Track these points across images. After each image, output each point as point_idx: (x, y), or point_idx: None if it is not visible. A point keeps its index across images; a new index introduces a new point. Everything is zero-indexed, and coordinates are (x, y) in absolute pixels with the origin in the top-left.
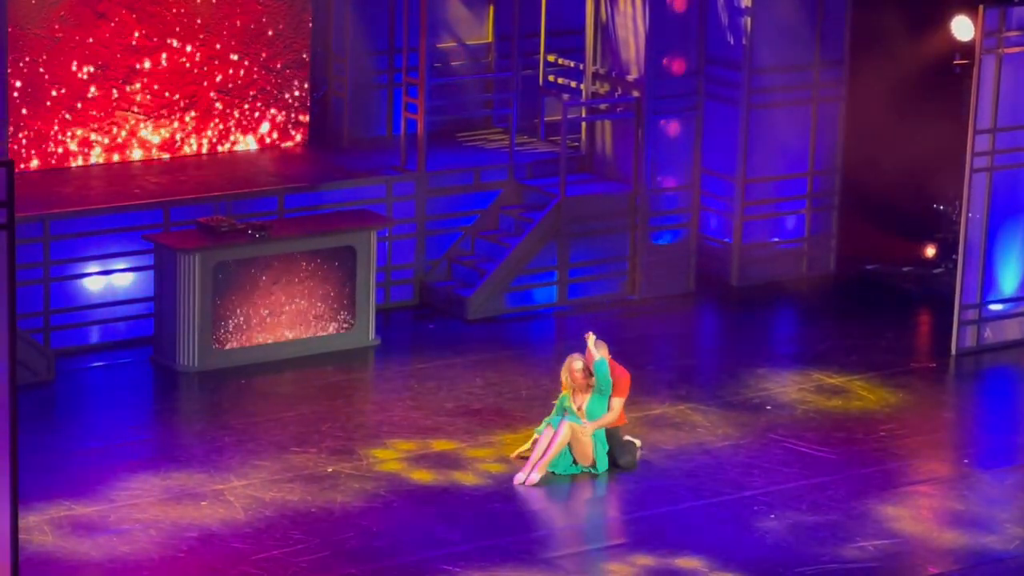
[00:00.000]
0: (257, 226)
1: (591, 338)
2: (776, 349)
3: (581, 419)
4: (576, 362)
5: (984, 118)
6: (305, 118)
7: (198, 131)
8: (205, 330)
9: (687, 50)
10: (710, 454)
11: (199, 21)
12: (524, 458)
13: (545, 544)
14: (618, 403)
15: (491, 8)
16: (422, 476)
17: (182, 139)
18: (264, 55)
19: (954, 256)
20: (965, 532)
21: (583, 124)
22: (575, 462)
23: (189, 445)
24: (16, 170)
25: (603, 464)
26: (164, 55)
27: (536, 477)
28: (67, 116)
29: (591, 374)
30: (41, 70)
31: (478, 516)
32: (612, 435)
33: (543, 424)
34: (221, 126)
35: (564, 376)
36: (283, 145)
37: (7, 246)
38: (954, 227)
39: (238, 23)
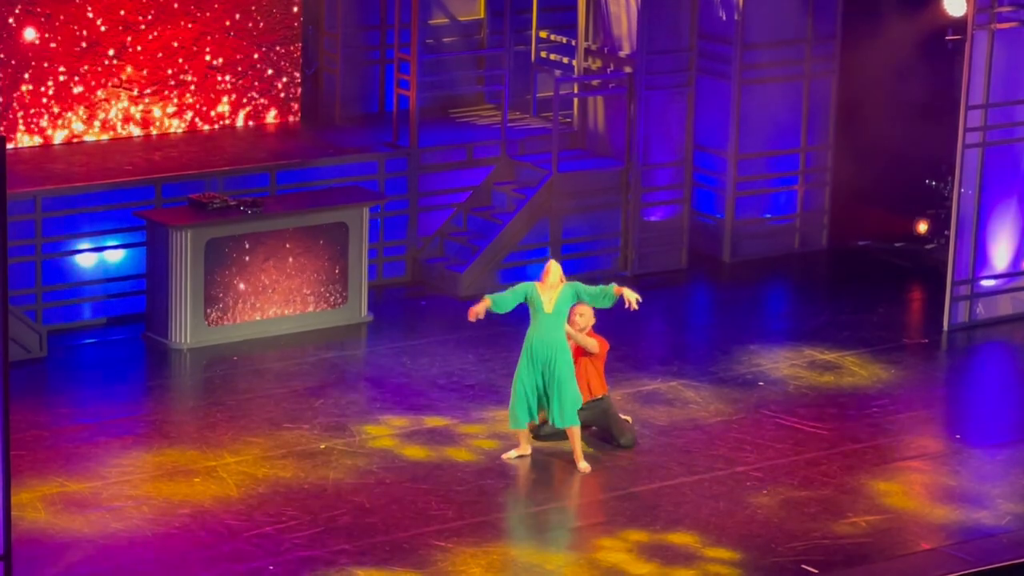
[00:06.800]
0: (249, 203)
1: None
2: (768, 325)
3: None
4: (557, 267)
5: (976, 94)
6: (297, 94)
7: (190, 107)
8: (197, 307)
9: (679, 26)
10: (702, 430)
11: None
12: (522, 456)
13: (538, 520)
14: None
15: None
16: (415, 452)
17: (174, 115)
18: (255, 32)
19: (946, 232)
20: (957, 507)
21: (575, 100)
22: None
23: (181, 422)
24: (7, 146)
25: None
26: (155, 31)
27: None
28: (58, 92)
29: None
30: (33, 47)
31: (471, 492)
32: (609, 413)
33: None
34: (213, 102)
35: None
36: (275, 122)
37: None
38: (946, 203)
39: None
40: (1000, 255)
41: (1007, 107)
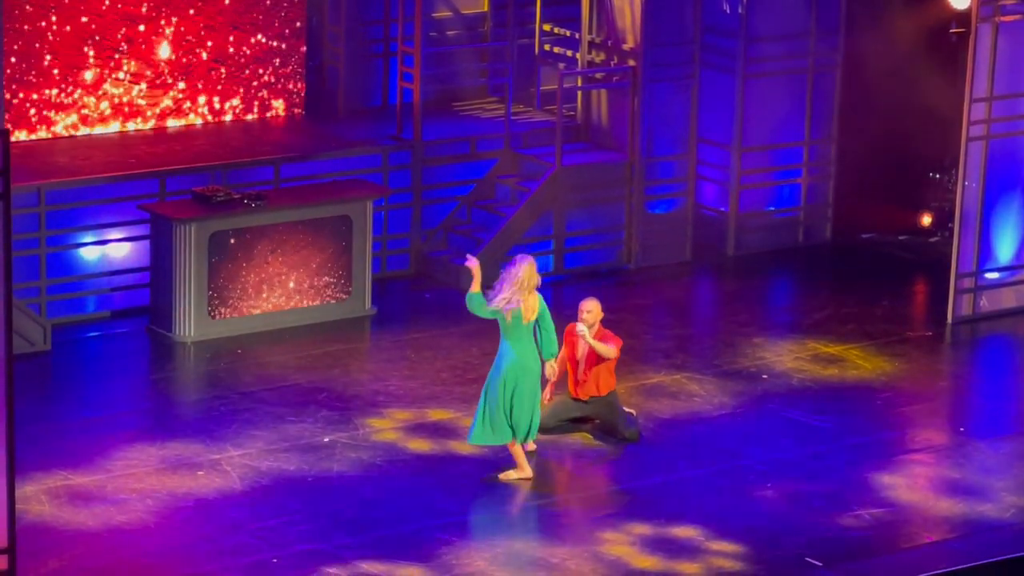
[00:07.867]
0: (253, 196)
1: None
2: (772, 318)
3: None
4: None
5: (980, 86)
6: (301, 88)
7: (194, 100)
8: (201, 300)
9: (683, 18)
10: (706, 423)
11: None
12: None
13: (542, 513)
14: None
15: None
16: (419, 445)
17: (178, 109)
18: (259, 25)
19: (950, 225)
20: (961, 500)
21: (579, 93)
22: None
23: (185, 415)
24: (12, 139)
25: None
26: (160, 24)
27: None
28: (63, 85)
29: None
30: (37, 40)
31: (475, 485)
32: (614, 407)
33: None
34: (217, 96)
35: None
36: (279, 115)
37: (3, 216)
38: (950, 196)
39: None
40: (1004, 248)
41: (1011, 100)
